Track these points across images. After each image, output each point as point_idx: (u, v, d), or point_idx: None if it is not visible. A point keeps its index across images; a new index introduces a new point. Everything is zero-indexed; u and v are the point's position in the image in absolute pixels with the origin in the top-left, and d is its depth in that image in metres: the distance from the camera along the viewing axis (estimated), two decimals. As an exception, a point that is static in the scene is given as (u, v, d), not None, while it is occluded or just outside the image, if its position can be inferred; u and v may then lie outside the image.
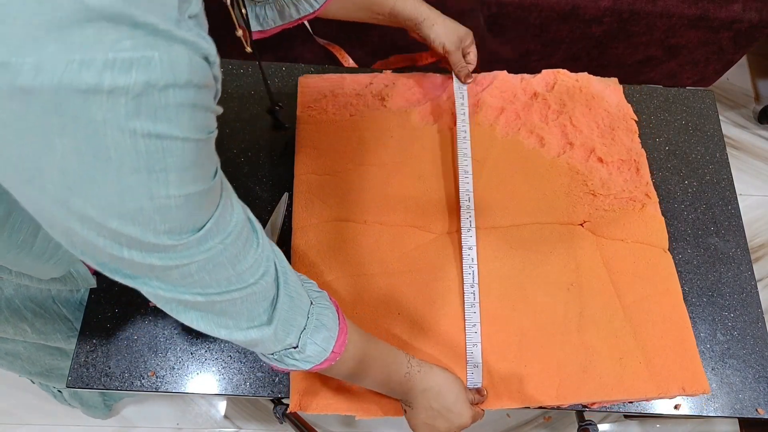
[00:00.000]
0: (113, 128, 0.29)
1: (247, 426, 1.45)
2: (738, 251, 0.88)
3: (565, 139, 0.91)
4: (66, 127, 0.28)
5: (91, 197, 0.31)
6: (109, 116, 0.28)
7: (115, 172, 0.31)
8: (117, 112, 0.28)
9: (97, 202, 0.32)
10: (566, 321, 0.77)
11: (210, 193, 0.38)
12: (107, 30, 0.26)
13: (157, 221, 0.34)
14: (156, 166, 0.32)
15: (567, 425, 1.50)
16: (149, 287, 0.41)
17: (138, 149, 0.30)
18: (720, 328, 0.82)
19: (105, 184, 0.31)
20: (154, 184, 0.32)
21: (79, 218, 0.33)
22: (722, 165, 0.95)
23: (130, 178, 0.31)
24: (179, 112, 0.31)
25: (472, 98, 0.94)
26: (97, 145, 0.29)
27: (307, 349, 0.53)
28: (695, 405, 0.78)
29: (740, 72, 2.08)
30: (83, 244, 0.36)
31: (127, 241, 0.35)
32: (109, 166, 0.30)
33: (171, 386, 0.75)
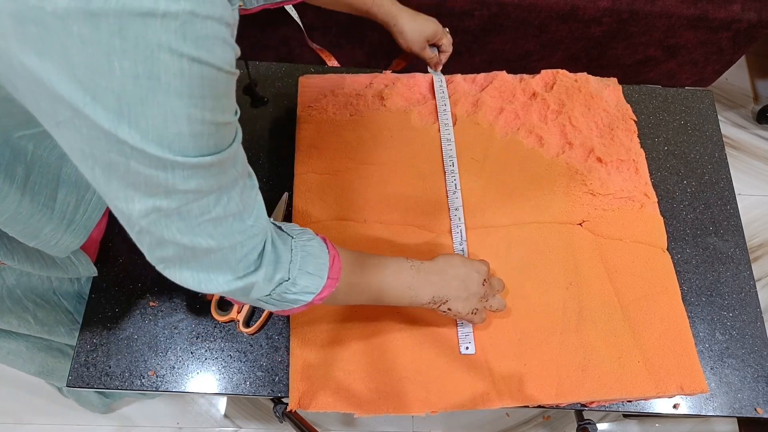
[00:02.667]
0: (165, 51, 0.33)
1: (247, 425, 1.45)
2: (737, 251, 0.88)
3: (564, 138, 0.92)
4: (127, 49, 0.32)
5: (139, 120, 0.35)
6: (163, 39, 0.32)
7: (164, 94, 0.34)
8: (169, 36, 0.32)
9: (143, 125, 0.35)
10: (565, 320, 0.78)
11: (232, 127, 0.43)
12: None
13: (190, 146, 0.38)
14: (196, 91, 0.36)
15: (566, 424, 1.50)
16: (169, 232, 0.43)
17: (183, 73, 0.34)
18: (719, 327, 0.82)
19: (153, 105, 0.35)
20: (193, 108, 0.36)
21: (122, 144, 0.36)
22: (721, 165, 0.96)
23: (174, 102, 0.35)
24: (215, 44, 0.35)
25: (471, 98, 0.95)
26: (151, 67, 0.33)
27: (299, 280, 0.55)
28: (694, 404, 0.78)
29: (739, 72, 2.08)
30: (122, 173, 0.39)
31: (161, 164, 0.38)
32: (158, 87, 0.34)
33: (171, 385, 0.75)
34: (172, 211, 0.42)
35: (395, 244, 0.82)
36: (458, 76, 0.97)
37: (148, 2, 0.31)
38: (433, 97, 0.95)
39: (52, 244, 0.60)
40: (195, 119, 0.37)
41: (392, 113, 0.93)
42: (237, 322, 0.77)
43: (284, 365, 0.76)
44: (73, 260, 0.69)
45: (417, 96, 0.95)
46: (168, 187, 0.40)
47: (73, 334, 0.90)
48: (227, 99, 0.40)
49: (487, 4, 1.37)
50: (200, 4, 0.33)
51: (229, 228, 0.46)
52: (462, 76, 0.97)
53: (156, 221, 0.43)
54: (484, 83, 0.96)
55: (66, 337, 0.90)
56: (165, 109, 0.35)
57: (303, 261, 0.55)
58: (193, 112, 0.37)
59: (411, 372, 0.74)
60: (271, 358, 0.76)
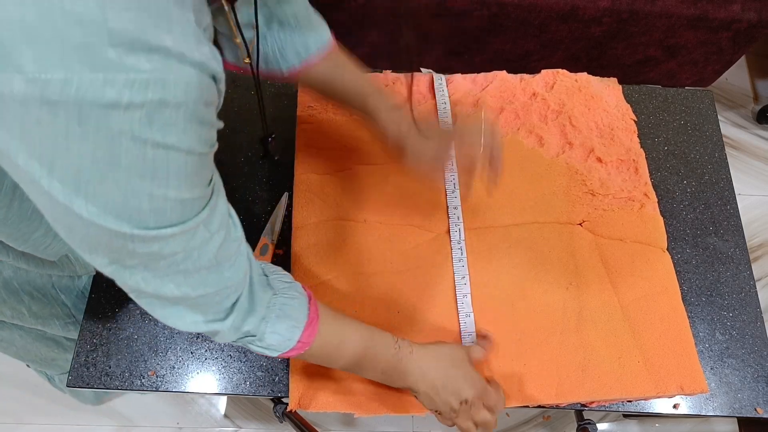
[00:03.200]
0: (127, 138, 0.32)
1: (247, 425, 1.45)
2: (737, 251, 0.88)
3: (564, 138, 0.92)
4: (86, 135, 0.31)
5: (97, 196, 0.34)
6: (125, 128, 0.31)
7: (124, 176, 0.33)
8: (132, 125, 0.31)
9: (100, 201, 0.34)
10: (565, 320, 0.78)
11: (203, 198, 0.41)
12: (127, 54, 0.29)
13: (150, 220, 0.37)
14: (160, 173, 0.35)
15: (566, 424, 1.50)
16: (133, 281, 0.42)
17: (146, 158, 0.33)
18: (719, 327, 0.82)
19: (111, 185, 0.34)
20: (156, 188, 0.35)
21: (81, 214, 0.35)
22: (721, 165, 0.96)
23: (135, 182, 0.34)
24: (187, 128, 0.34)
25: (471, 98, 0.95)
26: (111, 152, 0.32)
27: (266, 338, 0.53)
28: (694, 404, 0.78)
29: (739, 72, 2.08)
30: (81, 236, 0.38)
31: (119, 235, 0.37)
32: (118, 170, 0.33)
33: (171, 385, 0.75)
34: (136, 264, 0.41)
35: (395, 244, 0.82)
36: (458, 76, 0.97)
37: (110, 94, 0.29)
38: (433, 96, 0.95)
39: (41, 249, 0.60)
40: (157, 197, 0.36)
41: None
42: (237, 322, 0.77)
43: (284, 365, 0.76)
44: (70, 259, 0.69)
45: (417, 96, 0.95)
46: (128, 251, 0.39)
47: (68, 328, 0.90)
48: (197, 176, 0.38)
49: (487, 4, 1.37)
50: (171, 90, 0.31)
51: (201, 280, 0.44)
52: (462, 75, 0.97)
53: (118, 272, 0.42)
54: (484, 83, 0.96)
55: (61, 330, 0.90)
56: (125, 189, 0.34)
57: (276, 320, 0.53)
58: (155, 191, 0.35)
59: None
60: (271, 358, 0.76)
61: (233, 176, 0.89)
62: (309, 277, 0.79)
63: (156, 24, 0.30)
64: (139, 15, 0.29)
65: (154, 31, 0.30)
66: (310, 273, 0.79)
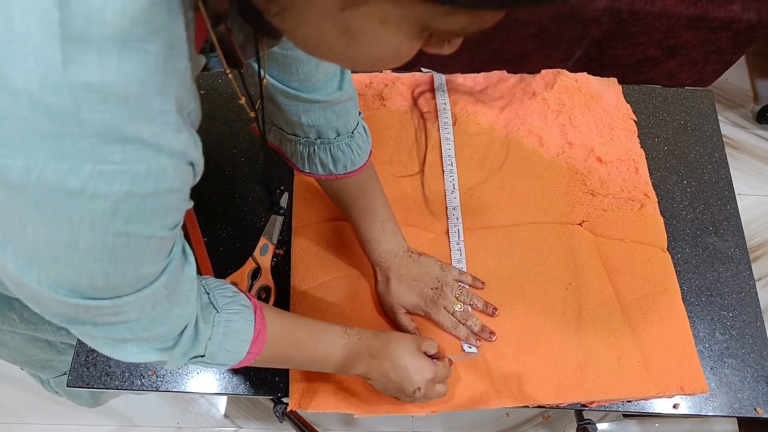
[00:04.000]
0: (87, 227, 0.31)
1: (247, 425, 1.45)
2: (737, 251, 0.88)
3: (564, 138, 0.92)
4: (43, 219, 0.30)
5: (51, 272, 0.33)
6: (86, 216, 0.30)
7: (80, 259, 0.33)
8: (93, 214, 0.30)
9: (54, 277, 0.34)
10: (565, 320, 0.78)
11: (160, 268, 0.40)
12: (99, 145, 0.28)
13: (105, 293, 0.36)
14: (118, 257, 0.34)
15: (566, 424, 1.50)
16: (82, 330, 0.41)
17: (105, 244, 0.32)
18: (719, 327, 0.82)
19: (66, 266, 0.33)
20: (112, 270, 0.34)
21: (31, 286, 0.34)
22: (721, 165, 0.96)
23: (92, 265, 0.33)
24: (153, 216, 0.33)
25: (472, 97, 0.95)
26: (68, 237, 0.31)
27: (216, 356, 0.52)
28: (694, 404, 0.78)
29: (739, 72, 2.08)
30: (33, 300, 0.37)
31: (72, 305, 0.36)
32: (75, 253, 0.32)
33: (171, 385, 0.75)
34: (85, 321, 0.40)
35: None
36: (458, 76, 0.97)
37: (73, 183, 0.28)
38: (433, 96, 0.95)
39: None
40: (113, 275, 0.35)
41: (392, 113, 0.93)
42: (237, 322, 0.77)
43: (284, 365, 0.76)
44: None
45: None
46: (81, 315, 0.38)
47: (61, 332, 0.89)
48: (158, 254, 0.38)
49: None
50: (141, 182, 0.30)
51: (151, 323, 0.43)
52: (462, 75, 0.97)
53: (67, 323, 0.40)
54: (485, 83, 0.96)
55: (53, 335, 0.89)
56: (80, 269, 0.33)
57: (223, 338, 0.52)
58: (112, 271, 0.35)
59: None
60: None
61: (233, 176, 0.89)
62: (309, 277, 0.79)
63: (134, 115, 0.29)
64: (117, 107, 0.28)
65: (131, 123, 0.29)
66: (309, 273, 0.79)
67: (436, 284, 0.76)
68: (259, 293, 0.79)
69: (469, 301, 0.77)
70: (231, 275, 0.80)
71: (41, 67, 0.25)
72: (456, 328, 0.75)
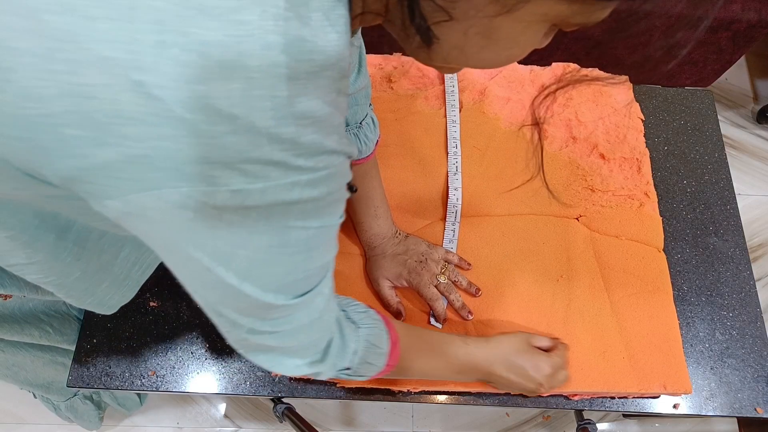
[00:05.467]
0: (298, 227, 0.36)
1: (247, 425, 1.45)
2: (737, 251, 0.88)
3: (568, 132, 0.92)
4: (268, 229, 0.35)
5: (262, 277, 0.39)
6: (299, 218, 0.36)
7: (288, 258, 0.38)
8: (304, 215, 0.36)
9: (265, 281, 0.39)
10: (553, 311, 0.78)
11: (331, 260, 0.45)
12: (310, 159, 0.33)
13: (300, 289, 0.42)
14: (313, 245, 0.39)
15: (566, 424, 1.50)
16: (260, 338, 0.45)
17: (308, 238, 0.38)
18: (719, 327, 0.82)
19: (277, 266, 0.39)
20: (308, 260, 0.40)
21: (245, 292, 0.39)
22: (721, 165, 0.96)
23: (296, 259, 0.39)
24: (338, 206, 0.39)
25: (479, 86, 0.95)
26: (283, 241, 0.37)
27: (360, 369, 0.55)
28: (694, 404, 0.78)
29: (739, 72, 2.08)
30: (223, 301, 0.41)
31: (268, 306, 0.41)
32: (284, 254, 0.38)
33: (171, 386, 0.75)
34: (265, 326, 0.44)
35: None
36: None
37: (294, 194, 0.34)
38: (441, 82, 0.95)
39: (105, 301, 0.60)
40: (310, 268, 0.41)
41: (399, 96, 0.93)
42: (237, 322, 0.77)
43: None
44: None
45: (425, 80, 0.96)
46: (266, 316, 0.43)
47: None
48: (335, 239, 0.44)
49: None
50: (335, 181, 0.37)
51: (310, 329, 0.47)
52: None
53: (246, 336, 0.44)
54: (494, 72, 0.97)
55: None
56: (288, 268, 0.39)
57: (366, 352, 0.55)
58: (309, 264, 0.41)
59: None
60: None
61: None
62: None
63: (330, 131, 0.34)
64: (320, 128, 0.33)
65: (328, 137, 0.34)
66: None
67: (421, 258, 0.77)
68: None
69: (454, 278, 0.78)
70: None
71: (274, 104, 0.30)
72: (436, 301, 0.76)
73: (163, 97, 0.28)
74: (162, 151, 0.29)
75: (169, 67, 0.27)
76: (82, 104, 0.28)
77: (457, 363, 0.66)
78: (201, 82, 0.28)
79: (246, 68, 0.28)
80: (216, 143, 0.29)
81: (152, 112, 0.28)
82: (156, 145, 0.29)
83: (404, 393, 0.75)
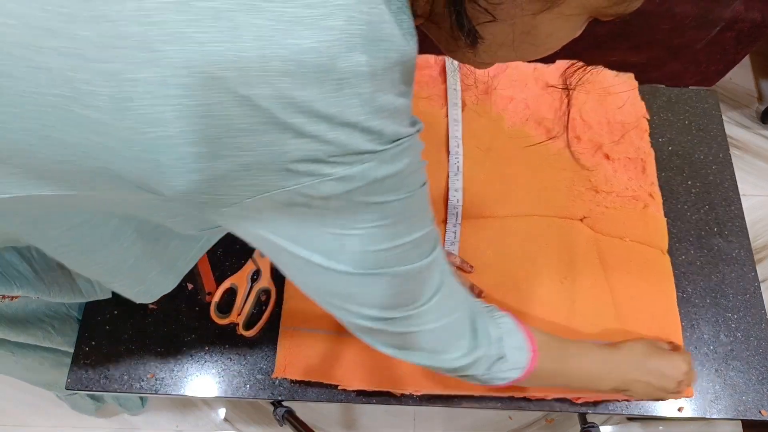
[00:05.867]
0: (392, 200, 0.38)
1: (247, 429, 1.45)
2: (741, 252, 0.87)
3: (573, 132, 0.91)
4: (369, 208, 0.37)
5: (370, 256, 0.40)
6: (392, 192, 0.37)
7: (392, 229, 0.40)
8: (395, 188, 0.37)
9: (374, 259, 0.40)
10: (556, 313, 0.77)
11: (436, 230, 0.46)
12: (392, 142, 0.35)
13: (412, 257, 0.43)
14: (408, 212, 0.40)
15: (569, 427, 1.49)
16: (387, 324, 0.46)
17: (403, 207, 0.39)
18: (723, 329, 0.81)
19: (384, 240, 0.40)
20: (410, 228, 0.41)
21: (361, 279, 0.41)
22: (725, 165, 0.95)
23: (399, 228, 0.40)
24: (419, 173, 0.40)
25: (483, 85, 0.94)
26: (383, 214, 0.38)
27: (509, 355, 0.55)
28: (698, 407, 0.77)
29: (743, 72, 2.07)
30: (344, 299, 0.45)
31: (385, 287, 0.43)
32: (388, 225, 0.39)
33: (170, 389, 0.75)
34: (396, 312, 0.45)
35: None
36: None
37: (381, 171, 0.35)
38: (444, 81, 0.94)
39: (151, 289, 0.60)
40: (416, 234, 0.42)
41: None
42: (237, 324, 0.77)
43: (284, 368, 0.76)
44: (94, 287, 0.70)
45: (426, 78, 0.95)
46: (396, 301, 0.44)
47: None
48: (428, 204, 0.44)
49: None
50: (415, 151, 0.38)
51: (443, 303, 0.48)
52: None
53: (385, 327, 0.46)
54: (497, 70, 0.96)
55: None
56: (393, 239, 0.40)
57: (508, 336, 0.55)
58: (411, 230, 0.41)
59: None
60: (271, 361, 0.75)
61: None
62: None
63: (404, 118, 0.37)
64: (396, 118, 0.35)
65: (402, 123, 0.36)
66: None
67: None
68: (259, 295, 0.79)
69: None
70: (231, 277, 0.79)
71: (361, 101, 0.32)
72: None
73: (269, 107, 0.30)
74: (271, 155, 0.32)
75: (272, 78, 0.30)
76: (197, 123, 0.30)
77: (596, 370, 0.65)
78: (300, 89, 0.30)
79: (336, 70, 0.31)
80: (319, 141, 0.32)
81: (260, 122, 0.31)
82: (266, 150, 0.32)
83: (405, 396, 0.74)
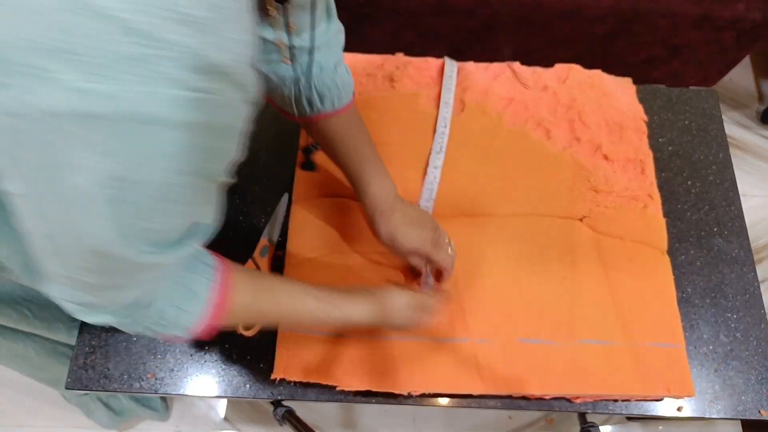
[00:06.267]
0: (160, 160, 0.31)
1: (247, 428, 1.45)
2: (741, 252, 0.87)
3: (572, 133, 0.91)
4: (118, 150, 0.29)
5: (115, 212, 0.32)
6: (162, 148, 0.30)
7: (147, 197, 0.33)
8: (171, 146, 0.30)
9: (117, 217, 0.33)
10: (557, 313, 0.77)
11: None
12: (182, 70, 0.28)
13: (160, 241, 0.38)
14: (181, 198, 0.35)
15: (569, 427, 1.49)
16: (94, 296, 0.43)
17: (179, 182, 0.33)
18: (723, 329, 0.81)
19: (132, 205, 0.32)
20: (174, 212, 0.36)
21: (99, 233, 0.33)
22: (725, 165, 0.95)
23: (157, 205, 0.34)
24: (224, 155, 0.37)
25: (482, 86, 0.94)
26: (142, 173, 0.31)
27: (166, 314, 0.48)
28: (698, 407, 0.77)
29: (743, 72, 2.07)
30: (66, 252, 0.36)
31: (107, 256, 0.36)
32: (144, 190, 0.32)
33: (170, 388, 0.75)
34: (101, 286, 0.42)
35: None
36: (470, 64, 0.97)
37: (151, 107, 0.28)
38: (439, 84, 0.95)
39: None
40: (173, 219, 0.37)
41: (400, 96, 0.93)
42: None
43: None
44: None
45: (427, 80, 0.95)
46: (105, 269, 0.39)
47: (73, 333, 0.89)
48: (214, 198, 0.40)
49: (488, 3, 1.37)
50: (219, 115, 0.31)
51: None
52: (474, 63, 0.97)
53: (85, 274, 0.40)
54: (497, 73, 0.96)
55: (66, 335, 0.89)
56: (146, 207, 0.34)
57: (174, 293, 0.48)
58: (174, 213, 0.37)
59: (398, 351, 0.74)
60: (271, 361, 0.75)
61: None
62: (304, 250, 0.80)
63: (218, 46, 0.29)
64: (202, 35, 0.28)
65: (215, 52, 0.29)
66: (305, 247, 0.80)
67: (433, 225, 0.75)
68: (259, 295, 0.79)
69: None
70: (230, 276, 0.79)
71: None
72: (452, 266, 0.75)
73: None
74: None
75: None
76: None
77: (318, 321, 0.63)
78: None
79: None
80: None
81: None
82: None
83: (405, 396, 0.74)
